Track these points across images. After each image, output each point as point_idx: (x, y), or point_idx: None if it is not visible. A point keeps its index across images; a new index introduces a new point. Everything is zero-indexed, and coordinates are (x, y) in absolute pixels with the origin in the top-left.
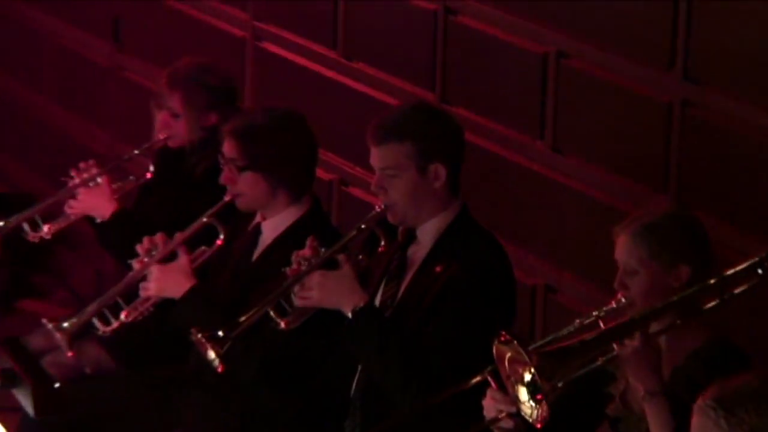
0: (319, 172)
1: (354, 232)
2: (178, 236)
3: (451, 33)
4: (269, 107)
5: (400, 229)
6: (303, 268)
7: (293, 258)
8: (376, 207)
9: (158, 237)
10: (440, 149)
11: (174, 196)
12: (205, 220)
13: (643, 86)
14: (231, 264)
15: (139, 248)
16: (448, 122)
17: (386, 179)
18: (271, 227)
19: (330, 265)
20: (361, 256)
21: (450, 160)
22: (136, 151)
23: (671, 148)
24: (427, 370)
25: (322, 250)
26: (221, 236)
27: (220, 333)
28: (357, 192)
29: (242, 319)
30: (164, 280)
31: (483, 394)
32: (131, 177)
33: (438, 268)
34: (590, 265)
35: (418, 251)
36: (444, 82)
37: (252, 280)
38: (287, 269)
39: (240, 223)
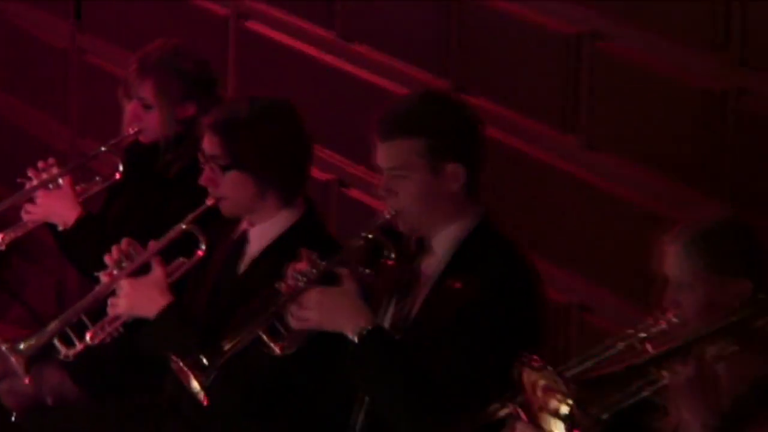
0: (314, 172)
1: (357, 242)
2: (152, 245)
3: (468, 11)
4: (255, 97)
5: (411, 238)
6: (299, 284)
7: (287, 272)
8: (384, 213)
9: (128, 246)
10: (456, 146)
11: (147, 199)
12: (183, 227)
13: (690, 73)
14: (212, 277)
15: (106, 259)
16: (465, 114)
17: (394, 181)
18: (260, 235)
19: (330, 280)
20: (366, 270)
21: (468, 158)
22: (102, 148)
23: (724, 145)
24: (442, 402)
25: (321, 262)
26: (202, 246)
27: (205, 360)
28: (358, 195)
29: (229, 344)
30: (136, 296)
31: (504, 426)
32: (97, 178)
33: (456, 285)
34: (630, 281)
35: (433, 264)
36: (459, 67)
37: (238, 297)
38: (281, 285)
39: (223, 230)
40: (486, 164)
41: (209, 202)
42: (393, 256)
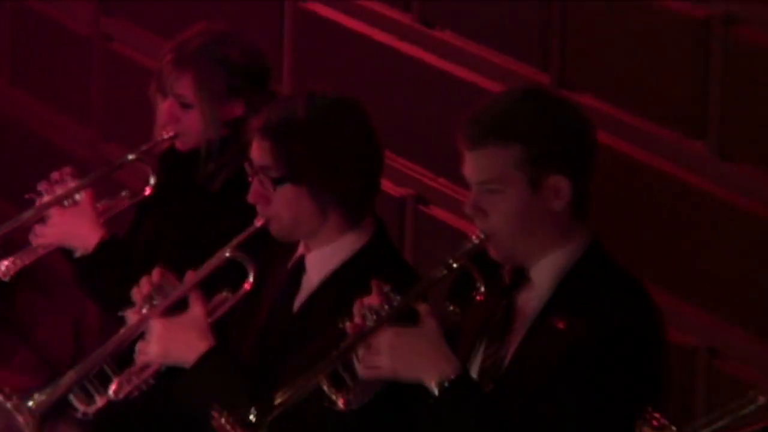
0: (386, 186)
1: (439, 273)
2: (190, 276)
3: None
4: (316, 93)
5: (506, 268)
6: (369, 323)
7: (355, 308)
8: (472, 237)
9: (161, 277)
10: (561, 155)
11: (184, 219)
12: (227, 254)
13: None
14: (263, 315)
15: (134, 294)
16: (572, 116)
17: (485, 197)
18: (319, 263)
19: (406, 318)
20: (450, 307)
21: (574, 170)
22: (130, 156)
23: None
24: None
25: (396, 297)
26: (249, 277)
27: (252, 417)
28: (440, 214)
29: (282, 396)
30: (170, 339)
31: None
32: (124, 193)
33: (560, 324)
34: None
35: (532, 300)
36: (563, 59)
37: (293, 339)
38: (346, 324)
39: (275, 257)
40: (596, 177)
41: (258, 222)
42: (483, 289)
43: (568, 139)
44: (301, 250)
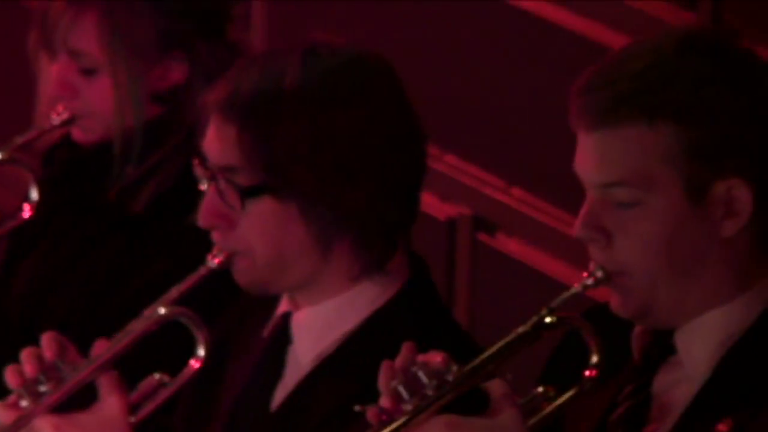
0: (427, 202)
1: (525, 333)
2: (101, 349)
3: None
4: (315, 49)
5: (637, 329)
6: (406, 406)
7: (382, 381)
8: (583, 276)
9: (52, 349)
10: (740, 145)
11: (88, 256)
12: (161, 313)
13: None
14: (223, 412)
15: (8, 377)
16: (760, 81)
17: (612, 210)
18: (315, 330)
19: (467, 402)
20: (541, 388)
21: (762, 171)
22: None
23: None
24: None
25: (452, 367)
26: (199, 350)
27: None
28: (515, 246)
29: None
30: None
31: None
32: None
33: (722, 428)
34: None
35: (679, 383)
36: None
37: None
38: (366, 409)
39: (243, 317)
40: None
41: (214, 261)
42: (597, 360)
43: (753, 118)
44: (284, 306)
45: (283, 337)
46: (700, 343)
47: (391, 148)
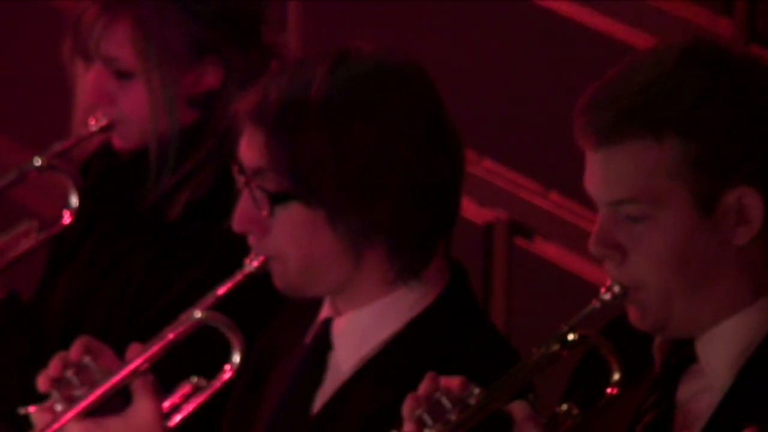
0: (464, 207)
1: (548, 351)
2: (135, 352)
3: None
4: (347, 54)
5: (657, 341)
6: (433, 429)
7: (405, 409)
8: (601, 291)
9: (83, 353)
10: (748, 154)
11: (125, 263)
12: (198, 316)
13: None
14: (265, 416)
15: (40, 382)
16: (755, 87)
17: (624, 226)
18: (354, 336)
19: (490, 425)
20: (565, 407)
21: None
22: (36, 162)
23: None
24: None
25: (474, 390)
26: (234, 356)
27: None
28: (552, 251)
29: None
30: None
31: None
32: (26, 224)
33: None
34: None
35: (701, 392)
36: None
37: None
38: None
39: (285, 321)
40: None
41: (252, 264)
42: (618, 377)
43: (757, 126)
44: (326, 311)
45: (324, 343)
46: (721, 352)
47: (421, 158)
